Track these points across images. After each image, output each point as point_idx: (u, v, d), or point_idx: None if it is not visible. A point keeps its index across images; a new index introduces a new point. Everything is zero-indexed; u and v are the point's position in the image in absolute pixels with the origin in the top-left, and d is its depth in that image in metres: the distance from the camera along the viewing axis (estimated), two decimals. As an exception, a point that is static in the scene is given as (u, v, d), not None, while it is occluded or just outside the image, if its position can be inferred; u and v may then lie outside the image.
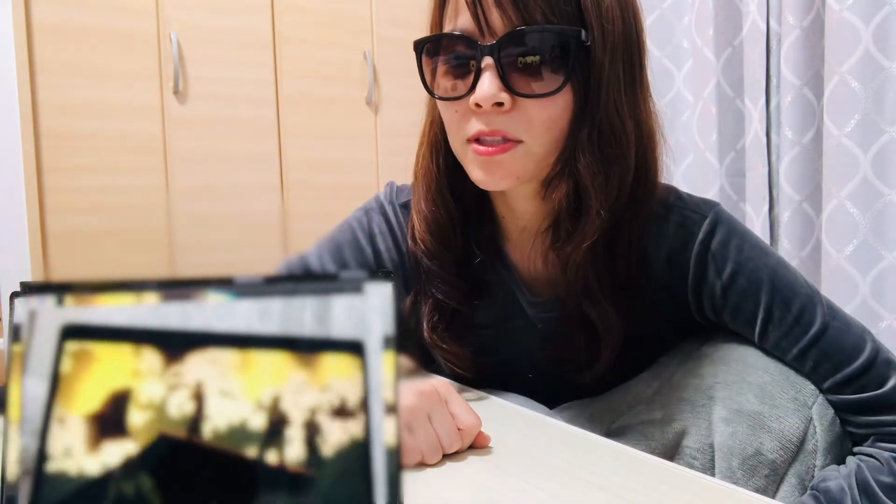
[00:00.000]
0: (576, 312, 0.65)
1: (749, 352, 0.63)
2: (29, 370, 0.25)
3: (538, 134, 0.58)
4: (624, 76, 0.59)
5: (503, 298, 0.71)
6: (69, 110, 1.90)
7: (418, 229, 0.69)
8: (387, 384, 0.25)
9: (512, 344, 0.71)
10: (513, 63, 0.56)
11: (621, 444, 0.56)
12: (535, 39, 0.56)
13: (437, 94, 0.62)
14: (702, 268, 0.63)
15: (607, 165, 0.59)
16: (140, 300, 0.26)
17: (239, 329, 0.25)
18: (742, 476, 0.56)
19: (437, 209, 0.68)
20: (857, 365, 0.59)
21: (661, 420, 0.60)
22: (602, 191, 0.59)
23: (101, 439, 0.25)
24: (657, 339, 0.68)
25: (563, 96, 0.57)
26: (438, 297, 0.69)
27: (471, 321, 0.70)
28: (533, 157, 0.59)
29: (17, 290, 0.25)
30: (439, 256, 0.68)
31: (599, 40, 0.57)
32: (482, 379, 0.73)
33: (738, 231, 0.64)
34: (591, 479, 0.48)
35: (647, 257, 0.65)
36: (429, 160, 0.69)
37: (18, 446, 0.24)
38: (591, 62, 0.57)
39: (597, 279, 0.63)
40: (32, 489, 0.24)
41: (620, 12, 0.58)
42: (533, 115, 0.57)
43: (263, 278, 0.26)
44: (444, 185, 0.67)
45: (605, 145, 0.59)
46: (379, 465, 0.25)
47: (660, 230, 0.65)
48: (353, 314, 0.26)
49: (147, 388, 0.25)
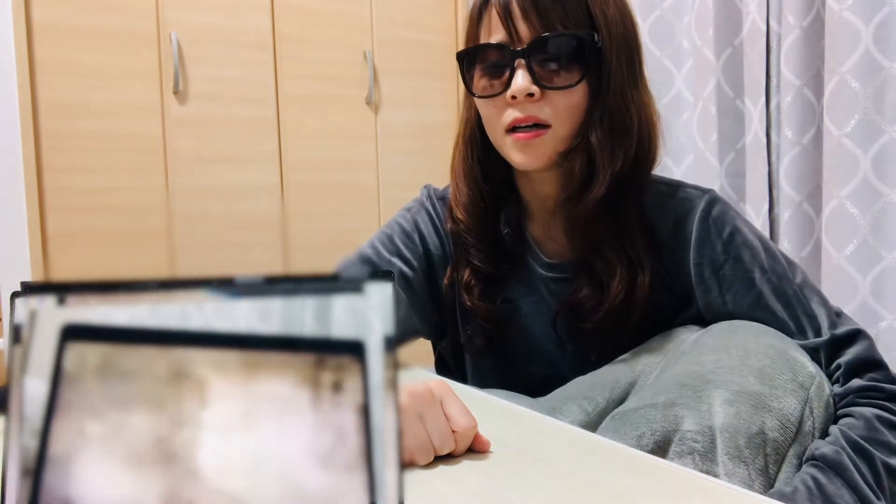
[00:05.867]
0: (585, 268, 0.77)
1: (748, 338, 0.65)
2: (29, 370, 0.25)
3: (563, 119, 0.73)
4: (627, 69, 0.74)
5: (526, 273, 0.83)
6: (69, 110, 1.90)
7: (457, 210, 0.83)
8: (387, 384, 0.25)
9: (533, 315, 0.83)
10: (539, 62, 0.71)
11: (621, 445, 0.56)
12: (555, 44, 0.71)
13: (477, 94, 0.76)
14: (705, 230, 0.75)
15: (614, 140, 0.73)
16: (140, 300, 0.26)
17: (239, 329, 0.25)
18: (749, 455, 0.57)
19: (472, 193, 0.81)
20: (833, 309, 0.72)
21: (663, 404, 0.61)
22: (609, 160, 0.72)
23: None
24: (656, 308, 0.77)
25: (580, 87, 0.72)
26: (475, 263, 0.82)
27: (501, 287, 0.83)
28: (560, 139, 0.73)
29: (17, 290, 0.25)
30: (475, 230, 0.81)
31: (607, 41, 0.72)
32: (506, 350, 0.84)
33: (732, 208, 0.78)
34: (591, 479, 0.48)
35: (656, 227, 0.78)
36: (465, 153, 0.82)
37: (18, 446, 0.24)
38: (602, 59, 0.72)
39: (602, 234, 0.75)
40: (32, 489, 0.24)
41: (621, 18, 0.73)
42: (558, 103, 0.72)
43: (263, 278, 0.26)
44: (479, 173, 0.81)
45: (613, 125, 0.73)
46: (379, 465, 0.25)
47: (666, 204, 0.78)
48: (353, 314, 0.26)
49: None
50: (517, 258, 0.83)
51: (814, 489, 0.56)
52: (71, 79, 1.90)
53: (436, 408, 0.52)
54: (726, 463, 0.56)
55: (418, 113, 2.44)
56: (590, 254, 0.76)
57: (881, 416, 0.63)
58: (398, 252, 0.85)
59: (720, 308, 0.74)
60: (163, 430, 0.25)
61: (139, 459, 0.25)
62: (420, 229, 0.87)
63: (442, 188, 0.90)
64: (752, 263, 0.73)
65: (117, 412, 0.25)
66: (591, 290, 0.76)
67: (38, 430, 0.25)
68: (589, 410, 0.69)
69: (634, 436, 0.60)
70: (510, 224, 0.82)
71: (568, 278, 0.79)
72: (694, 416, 0.59)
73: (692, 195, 0.77)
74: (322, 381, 0.25)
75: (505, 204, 0.83)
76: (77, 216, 1.92)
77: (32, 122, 1.84)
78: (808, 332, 0.70)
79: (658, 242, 0.77)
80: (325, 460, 0.25)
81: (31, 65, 1.84)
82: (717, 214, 0.75)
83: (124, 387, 0.25)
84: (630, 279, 0.74)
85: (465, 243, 0.83)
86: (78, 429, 0.25)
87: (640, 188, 0.77)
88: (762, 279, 0.73)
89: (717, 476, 0.55)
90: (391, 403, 0.25)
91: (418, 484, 0.48)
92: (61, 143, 1.89)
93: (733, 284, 0.73)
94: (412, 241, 0.86)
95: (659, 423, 0.60)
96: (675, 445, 0.58)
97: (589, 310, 0.76)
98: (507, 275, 0.83)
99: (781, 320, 0.71)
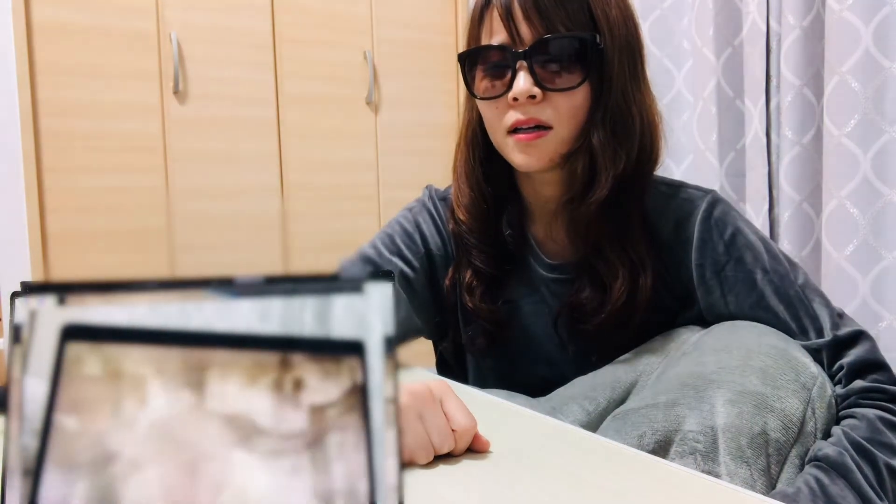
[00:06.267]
0: (587, 269, 0.76)
1: (750, 339, 0.65)
2: (29, 370, 0.25)
3: (564, 121, 0.72)
4: (629, 71, 0.73)
5: (527, 273, 0.83)
6: (69, 110, 1.90)
7: (459, 211, 0.82)
8: (387, 384, 0.25)
9: (534, 316, 0.82)
10: (541, 64, 0.70)
11: (621, 445, 0.56)
12: (557, 45, 0.70)
13: (479, 96, 0.75)
14: (706, 230, 0.75)
15: (616, 142, 0.72)
16: (140, 300, 0.25)
17: (239, 329, 0.25)
18: (752, 455, 0.57)
19: (474, 194, 0.81)
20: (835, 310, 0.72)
21: (665, 404, 0.61)
22: (611, 161, 0.72)
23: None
24: (658, 309, 0.77)
25: (582, 89, 0.72)
26: (476, 264, 0.81)
27: (503, 287, 0.83)
28: (562, 141, 0.73)
29: (17, 290, 0.25)
30: (477, 232, 0.81)
31: (609, 43, 0.71)
32: (507, 350, 0.83)
33: (733, 208, 0.77)
34: (590, 478, 0.48)
35: (657, 228, 0.77)
36: (467, 154, 0.82)
37: (18, 446, 0.24)
38: (604, 60, 0.71)
39: (605, 235, 0.75)
40: (32, 489, 0.24)
41: (623, 19, 0.73)
42: (560, 105, 0.71)
43: (263, 278, 0.26)
44: (480, 174, 0.81)
45: (615, 126, 0.72)
46: (379, 464, 0.25)
47: (667, 205, 0.77)
48: (353, 314, 0.25)
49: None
50: (519, 259, 0.83)
51: (817, 490, 0.56)
52: (71, 79, 1.90)
53: (435, 407, 0.52)
54: (728, 463, 0.56)
55: (418, 113, 2.44)
56: (592, 255, 0.76)
57: (883, 417, 0.63)
58: (399, 252, 0.84)
59: (722, 309, 0.74)
60: (163, 430, 0.25)
61: (139, 459, 0.25)
62: (422, 229, 0.86)
63: (443, 189, 0.90)
64: (754, 264, 0.73)
65: (117, 411, 0.25)
66: (592, 291, 0.76)
67: (38, 430, 0.25)
68: (590, 410, 0.69)
69: (635, 436, 0.60)
70: (512, 225, 0.82)
71: (569, 279, 0.79)
72: (696, 416, 0.59)
73: (693, 196, 0.77)
74: (321, 381, 0.25)
75: (507, 205, 0.82)
76: (77, 216, 1.92)
77: (32, 122, 1.84)
78: (811, 333, 0.70)
79: (659, 243, 0.77)
80: (325, 462, 0.25)
81: (31, 65, 1.84)
82: (718, 215, 0.75)
83: (124, 386, 0.25)
84: (632, 280, 0.74)
85: (466, 244, 0.82)
86: (78, 429, 0.25)
87: (643, 189, 0.76)
88: (764, 280, 0.72)
89: (718, 476, 0.55)
90: (391, 403, 0.25)
91: (418, 484, 0.48)
92: (61, 143, 1.89)
93: (735, 285, 0.73)
94: (413, 241, 0.86)
95: (660, 423, 0.60)
96: (676, 445, 0.58)
97: (591, 311, 0.76)
98: (509, 275, 0.83)
99: (783, 321, 0.71)
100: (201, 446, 0.25)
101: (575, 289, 0.78)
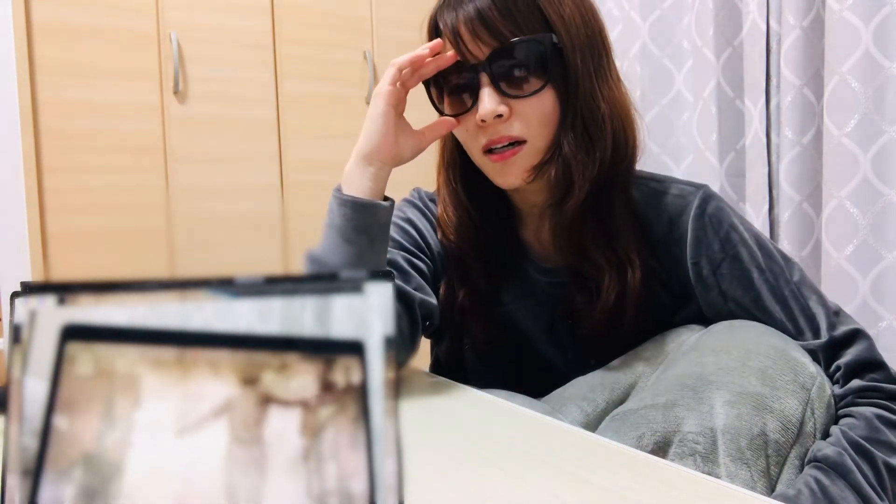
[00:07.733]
0: (578, 272, 0.76)
1: (749, 339, 0.65)
2: (29, 370, 0.25)
3: (537, 131, 0.71)
4: (593, 67, 0.71)
5: (523, 278, 0.82)
6: (69, 110, 1.90)
7: (448, 232, 0.82)
8: (387, 384, 0.25)
9: (530, 318, 0.82)
10: (502, 74, 0.69)
11: (621, 445, 0.56)
12: (513, 52, 0.68)
13: (447, 114, 0.75)
14: (701, 228, 0.74)
15: (588, 144, 0.71)
16: (140, 300, 0.25)
17: (239, 329, 0.25)
18: (752, 456, 0.57)
19: (460, 214, 0.81)
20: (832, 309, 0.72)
21: (664, 405, 0.61)
22: (583, 166, 0.71)
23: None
24: (655, 307, 0.76)
25: (548, 93, 0.70)
26: (471, 278, 0.81)
27: (496, 298, 0.82)
28: (538, 151, 0.72)
29: (17, 290, 0.25)
30: (466, 250, 0.81)
31: (567, 42, 0.69)
32: (505, 353, 0.83)
33: (726, 203, 0.77)
34: (590, 479, 0.48)
35: (651, 225, 0.77)
36: (446, 176, 0.82)
37: (18, 446, 0.24)
38: (565, 61, 0.70)
39: (589, 238, 0.74)
40: (32, 489, 0.24)
41: (580, 16, 0.71)
42: (529, 116, 0.70)
43: (263, 278, 0.26)
44: (464, 195, 0.80)
45: (586, 125, 0.71)
46: (379, 465, 0.25)
47: (659, 202, 0.77)
48: (353, 314, 0.25)
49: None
50: (513, 264, 0.83)
51: (817, 491, 0.56)
52: (71, 79, 1.90)
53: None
54: (728, 464, 0.56)
55: (418, 113, 2.43)
56: (577, 259, 0.76)
57: (881, 415, 0.63)
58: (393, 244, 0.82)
59: (721, 306, 0.74)
60: (162, 429, 0.25)
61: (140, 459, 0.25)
62: (413, 223, 0.85)
63: (432, 190, 0.89)
64: (750, 262, 0.73)
65: (116, 411, 0.25)
66: (584, 294, 0.76)
67: (37, 430, 0.25)
68: (588, 411, 0.69)
69: (634, 436, 0.60)
70: (502, 233, 0.82)
71: (564, 282, 0.79)
72: (695, 418, 0.59)
73: (685, 191, 0.77)
74: (322, 381, 0.25)
75: (496, 213, 0.82)
76: (77, 216, 1.92)
77: (32, 122, 1.84)
78: (807, 334, 0.70)
79: (653, 241, 0.77)
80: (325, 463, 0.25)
81: (31, 65, 1.84)
82: (712, 211, 0.75)
83: (123, 386, 0.25)
84: (620, 280, 0.74)
85: (458, 262, 0.82)
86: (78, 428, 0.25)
87: (625, 185, 0.76)
88: (760, 279, 0.72)
89: (718, 478, 0.55)
90: (391, 403, 0.25)
91: (419, 484, 0.48)
92: (61, 143, 1.89)
93: (732, 283, 0.73)
94: (405, 233, 0.84)
95: (659, 424, 0.60)
96: (675, 447, 0.58)
97: (584, 314, 0.76)
98: (505, 280, 0.83)
99: (779, 322, 0.71)
100: (201, 446, 0.25)
101: (567, 294, 0.78)
